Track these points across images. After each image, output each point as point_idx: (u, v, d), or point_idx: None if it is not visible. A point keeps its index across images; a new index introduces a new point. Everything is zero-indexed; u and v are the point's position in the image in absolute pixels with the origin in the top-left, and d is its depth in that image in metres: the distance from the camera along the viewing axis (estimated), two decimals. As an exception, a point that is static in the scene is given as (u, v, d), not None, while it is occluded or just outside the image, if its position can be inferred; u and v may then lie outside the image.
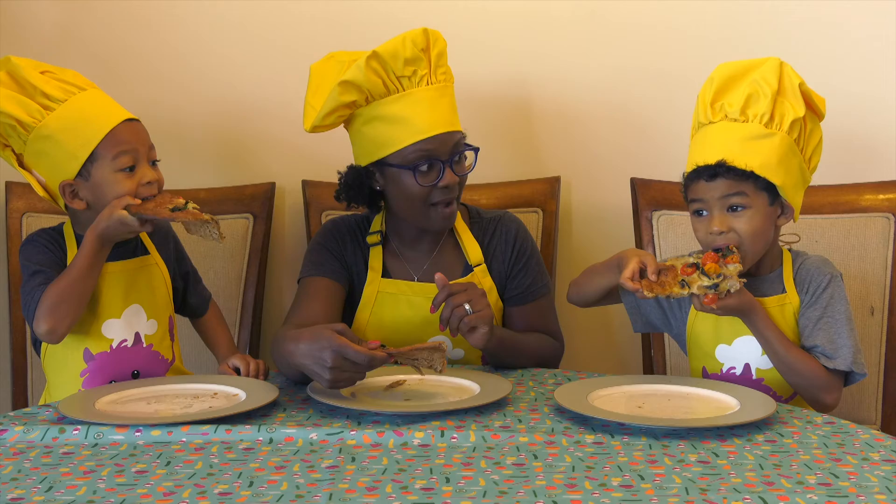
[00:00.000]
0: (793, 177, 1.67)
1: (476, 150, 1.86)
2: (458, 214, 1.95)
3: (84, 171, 1.69)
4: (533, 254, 1.96)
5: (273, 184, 2.36)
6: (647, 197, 2.29)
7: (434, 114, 1.81)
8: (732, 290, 1.58)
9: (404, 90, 1.80)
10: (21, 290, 1.71)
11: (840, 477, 1.21)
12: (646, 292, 1.59)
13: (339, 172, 1.91)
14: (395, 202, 1.87)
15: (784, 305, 1.70)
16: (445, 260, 1.92)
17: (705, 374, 1.76)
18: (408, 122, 1.80)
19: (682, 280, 1.58)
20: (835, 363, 1.64)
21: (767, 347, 1.65)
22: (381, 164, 1.83)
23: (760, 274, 1.73)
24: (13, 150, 1.73)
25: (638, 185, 2.31)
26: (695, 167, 1.67)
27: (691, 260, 1.61)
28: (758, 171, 1.63)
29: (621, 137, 2.42)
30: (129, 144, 1.69)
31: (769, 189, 1.66)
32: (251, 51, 2.39)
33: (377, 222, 1.94)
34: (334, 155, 2.25)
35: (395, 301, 1.88)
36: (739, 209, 1.65)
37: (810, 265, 1.72)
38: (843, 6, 2.32)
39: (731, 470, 1.24)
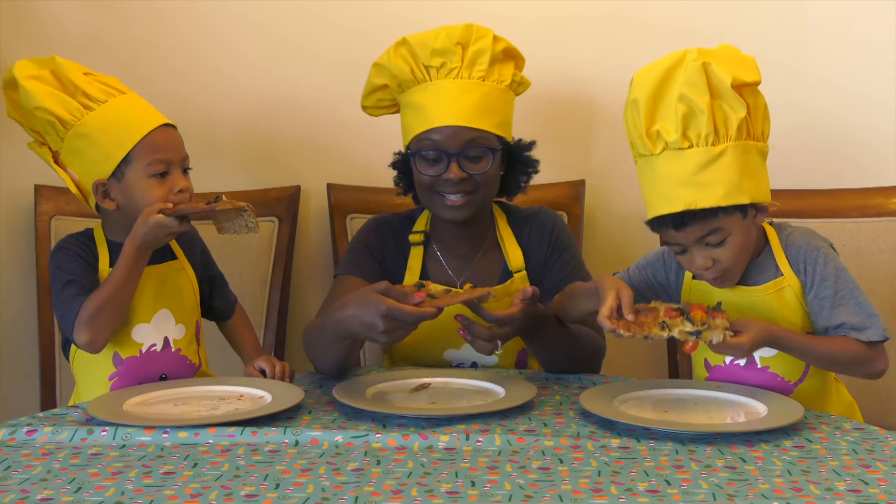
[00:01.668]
0: (755, 173, 1.55)
1: (493, 150, 1.83)
2: (503, 216, 1.94)
3: (118, 172, 1.71)
4: (569, 247, 1.92)
5: (298, 187, 2.37)
6: (673, 200, 2.27)
7: (450, 106, 1.80)
8: (715, 342, 1.50)
9: (430, 80, 1.83)
10: (54, 300, 1.72)
11: (870, 484, 1.20)
12: (622, 331, 1.50)
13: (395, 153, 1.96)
14: (416, 190, 1.90)
15: (783, 289, 1.63)
16: (486, 265, 1.90)
17: (707, 367, 1.70)
18: (424, 111, 1.82)
19: (664, 322, 1.49)
20: (868, 335, 1.58)
21: (805, 357, 1.60)
22: (409, 150, 1.86)
23: (748, 261, 1.64)
24: (49, 148, 1.76)
25: (663, 189, 2.29)
26: (657, 215, 1.56)
27: (676, 305, 1.54)
28: (725, 204, 1.52)
29: (646, 140, 2.41)
30: (163, 151, 1.71)
31: (741, 206, 1.56)
32: (276, 53, 2.40)
33: (421, 222, 1.94)
34: (359, 158, 2.26)
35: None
36: (719, 243, 1.57)
37: (799, 241, 1.64)
38: (874, 7, 2.30)
39: (758, 476, 1.23)
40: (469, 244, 1.91)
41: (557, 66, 2.37)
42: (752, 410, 1.51)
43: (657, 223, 1.59)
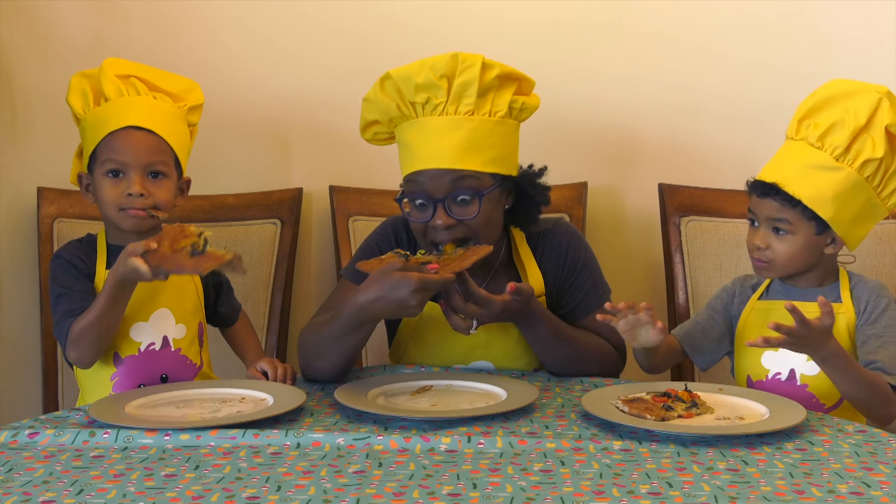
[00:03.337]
0: (850, 212, 1.66)
1: (481, 193, 1.69)
2: (521, 236, 1.85)
3: (90, 168, 1.77)
4: (585, 265, 1.85)
5: (300, 189, 2.37)
6: (675, 202, 2.28)
7: (433, 146, 1.68)
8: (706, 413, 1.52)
9: (417, 117, 1.72)
10: (52, 309, 1.74)
11: (872, 486, 1.20)
12: (648, 416, 1.47)
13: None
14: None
15: (838, 315, 1.66)
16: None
17: (749, 383, 1.74)
18: (411, 151, 1.72)
19: (668, 405, 1.50)
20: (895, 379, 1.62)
21: (843, 372, 1.57)
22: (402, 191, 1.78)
23: (809, 286, 1.73)
24: None
25: (666, 191, 2.30)
26: (757, 179, 1.70)
27: (658, 392, 1.57)
28: (806, 202, 1.64)
29: (649, 143, 2.42)
30: (119, 152, 1.72)
31: (819, 219, 1.65)
32: (278, 56, 2.40)
33: None
34: (361, 160, 2.26)
35: (436, 324, 1.80)
36: (782, 232, 1.68)
37: (870, 284, 1.73)
38: (875, 9, 2.30)
39: (760, 478, 1.23)
40: (483, 267, 1.80)
41: (559, 69, 2.37)
42: (754, 412, 1.51)
43: (751, 187, 1.72)
